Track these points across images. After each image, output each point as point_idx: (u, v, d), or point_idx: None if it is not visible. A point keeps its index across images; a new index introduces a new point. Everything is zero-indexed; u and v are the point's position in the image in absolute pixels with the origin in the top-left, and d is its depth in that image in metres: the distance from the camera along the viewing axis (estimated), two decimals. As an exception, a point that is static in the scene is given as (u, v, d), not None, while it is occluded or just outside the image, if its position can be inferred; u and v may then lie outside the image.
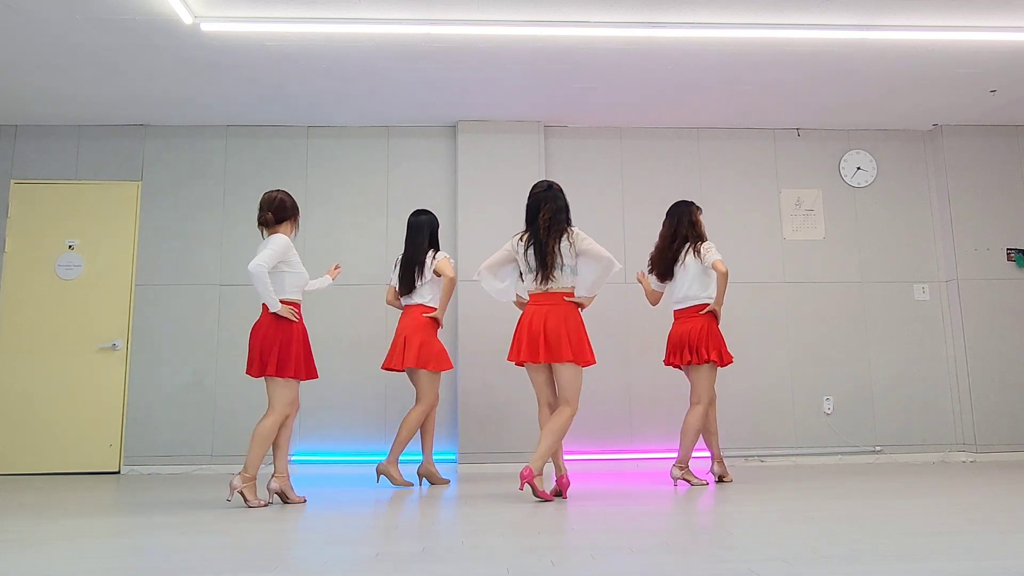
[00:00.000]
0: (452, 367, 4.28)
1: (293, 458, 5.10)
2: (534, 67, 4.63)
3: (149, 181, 5.39)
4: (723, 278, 4.07)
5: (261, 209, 3.61)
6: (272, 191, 3.67)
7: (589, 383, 5.17)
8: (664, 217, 4.35)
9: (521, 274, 3.79)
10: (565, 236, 3.64)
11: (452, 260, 4.31)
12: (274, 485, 3.51)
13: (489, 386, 5.09)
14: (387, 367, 4.22)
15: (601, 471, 4.89)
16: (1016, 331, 5.39)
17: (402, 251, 4.38)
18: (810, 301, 5.45)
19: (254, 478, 3.43)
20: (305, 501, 3.55)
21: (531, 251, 3.66)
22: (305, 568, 2.08)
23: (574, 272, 3.67)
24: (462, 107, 5.22)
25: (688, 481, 4.08)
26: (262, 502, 3.40)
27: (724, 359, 4.07)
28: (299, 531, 2.73)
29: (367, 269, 5.32)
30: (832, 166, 5.66)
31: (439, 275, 4.21)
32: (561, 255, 3.61)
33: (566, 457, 5.11)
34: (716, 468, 4.26)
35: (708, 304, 4.12)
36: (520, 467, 4.95)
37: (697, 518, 2.91)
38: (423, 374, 4.18)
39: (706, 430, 4.24)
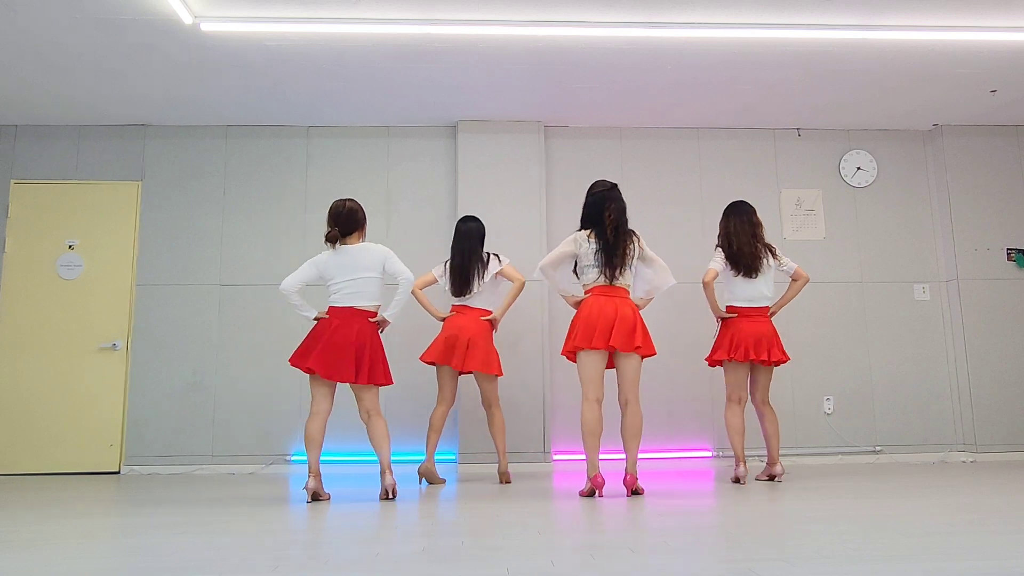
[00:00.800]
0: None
1: (292, 458, 5.10)
2: (534, 67, 4.63)
3: (149, 181, 5.39)
4: (804, 284, 4.33)
5: (330, 223, 3.69)
6: (341, 200, 3.75)
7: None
8: (730, 217, 4.31)
9: (575, 270, 3.85)
10: (633, 239, 3.77)
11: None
12: (389, 481, 3.56)
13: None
14: (439, 362, 4.28)
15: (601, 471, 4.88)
16: (1016, 331, 5.39)
17: (450, 256, 4.48)
18: (810, 301, 5.45)
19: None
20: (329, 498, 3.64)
21: (600, 250, 3.71)
22: (305, 568, 2.08)
23: (632, 275, 3.81)
24: (462, 107, 5.22)
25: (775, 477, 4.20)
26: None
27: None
28: (299, 531, 2.73)
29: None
30: (832, 166, 5.66)
31: (501, 279, 4.43)
32: (630, 256, 3.74)
33: (566, 457, 5.12)
34: (741, 470, 4.14)
35: (769, 306, 4.30)
36: (520, 467, 4.96)
37: (697, 518, 2.91)
38: (491, 379, 4.37)
39: (736, 430, 4.22)
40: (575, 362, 3.79)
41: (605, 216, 3.73)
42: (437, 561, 2.15)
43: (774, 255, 4.30)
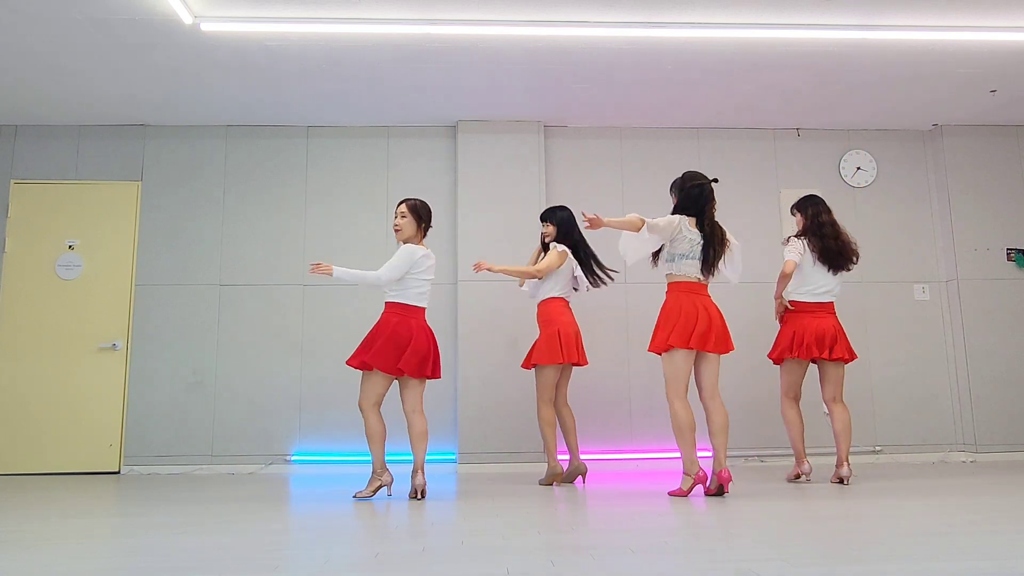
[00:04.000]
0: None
1: (292, 458, 5.10)
2: (534, 67, 4.63)
3: (149, 181, 5.39)
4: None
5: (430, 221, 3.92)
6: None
7: (588, 383, 5.18)
8: (815, 207, 4.27)
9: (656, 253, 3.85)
10: (728, 240, 3.84)
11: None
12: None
13: (489, 385, 5.09)
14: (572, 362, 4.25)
15: (601, 471, 4.89)
16: (1016, 331, 5.39)
17: (569, 249, 4.32)
18: (810, 301, 5.43)
19: None
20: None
21: (704, 244, 3.74)
22: (305, 568, 2.08)
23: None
24: (462, 107, 5.22)
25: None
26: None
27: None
28: (299, 531, 2.73)
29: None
30: (832, 166, 5.66)
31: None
32: (725, 256, 3.80)
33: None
34: (806, 467, 4.21)
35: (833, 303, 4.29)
36: (520, 467, 4.96)
37: (697, 518, 2.91)
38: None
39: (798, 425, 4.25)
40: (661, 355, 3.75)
41: (709, 209, 3.78)
42: (437, 561, 2.15)
43: None
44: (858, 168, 5.64)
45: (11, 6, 3.84)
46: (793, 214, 4.40)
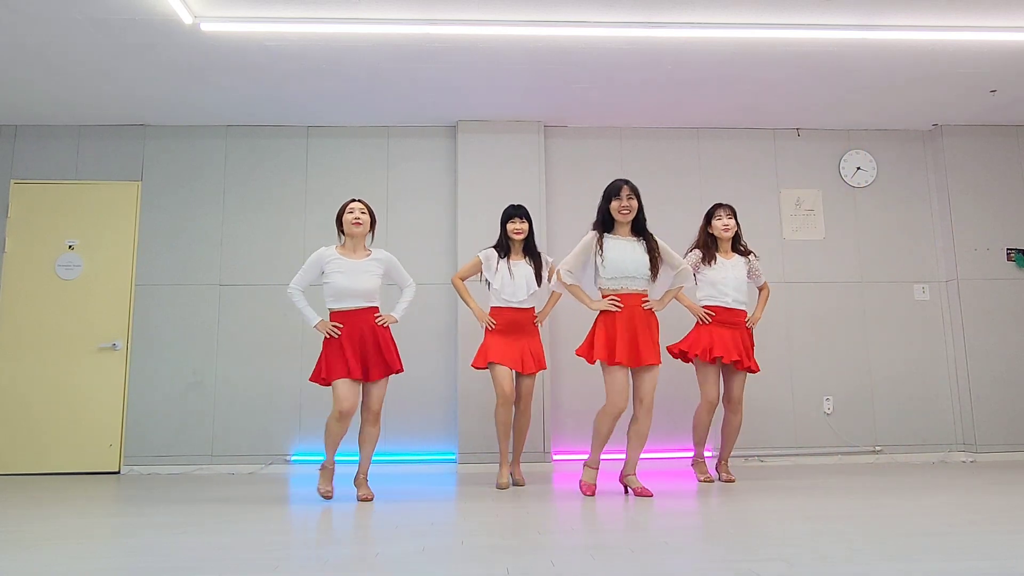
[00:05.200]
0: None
1: (292, 458, 5.10)
2: (534, 67, 4.63)
3: (149, 181, 5.39)
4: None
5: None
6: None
7: (586, 383, 5.17)
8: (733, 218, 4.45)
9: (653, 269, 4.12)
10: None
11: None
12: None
13: (489, 385, 5.08)
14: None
15: (601, 471, 4.88)
16: (1016, 331, 5.39)
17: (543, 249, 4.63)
18: (810, 301, 5.45)
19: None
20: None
21: None
22: (305, 568, 2.08)
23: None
24: (462, 107, 5.22)
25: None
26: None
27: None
28: (299, 531, 2.73)
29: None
30: (832, 166, 5.66)
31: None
32: None
33: (566, 457, 5.13)
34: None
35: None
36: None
37: (697, 518, 2.91)
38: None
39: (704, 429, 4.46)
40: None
41: None
42: (437, 561, 2.15)
43: None
44: (858, 168, 5.64)
45: (11, 6, 3.84)
46: (734, 218, 4.46)
